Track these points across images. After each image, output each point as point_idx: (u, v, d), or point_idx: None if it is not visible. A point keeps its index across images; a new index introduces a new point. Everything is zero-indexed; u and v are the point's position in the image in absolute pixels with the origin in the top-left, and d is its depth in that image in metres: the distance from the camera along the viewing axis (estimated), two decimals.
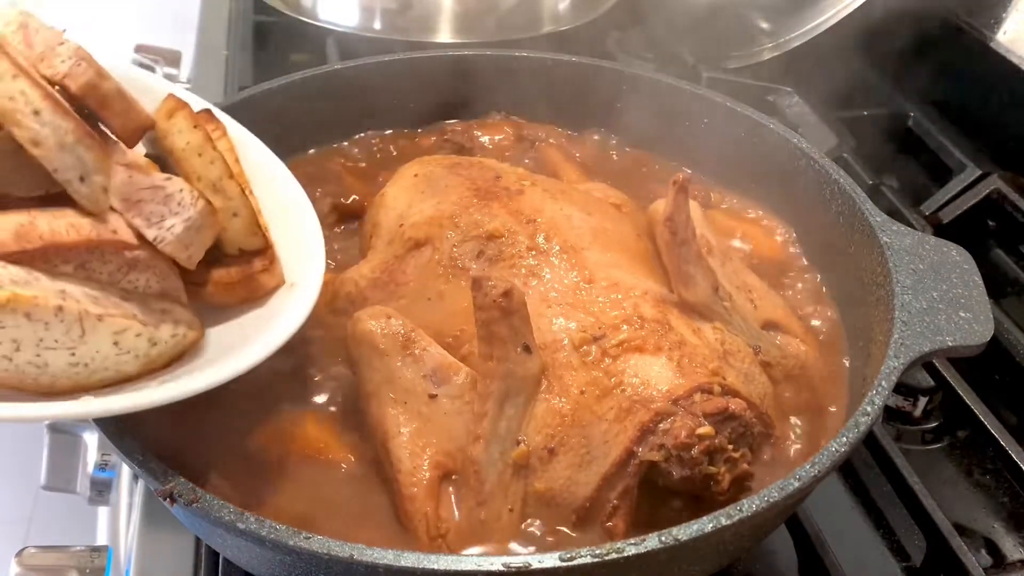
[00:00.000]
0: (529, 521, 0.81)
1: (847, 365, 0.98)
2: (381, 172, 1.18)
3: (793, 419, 0.92)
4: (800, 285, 1.08)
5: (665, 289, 0.92)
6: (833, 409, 0.93)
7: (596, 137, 1.29)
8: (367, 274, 0.99)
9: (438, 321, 0.90)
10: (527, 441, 0.81)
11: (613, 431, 0.80)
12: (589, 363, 0.84)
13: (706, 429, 0.78)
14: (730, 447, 0.79)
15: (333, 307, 0.98)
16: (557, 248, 0.94)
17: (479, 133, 1.26)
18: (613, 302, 0.88)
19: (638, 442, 0.79)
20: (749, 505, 0.71)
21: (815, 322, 1.03)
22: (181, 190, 0.82)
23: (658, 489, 0.81)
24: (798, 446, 0.90)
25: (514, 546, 0.79)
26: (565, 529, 0.80)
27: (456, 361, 0.85)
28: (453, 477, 0.81)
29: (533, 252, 0.93)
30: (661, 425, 0.79)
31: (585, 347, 0.84)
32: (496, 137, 1.26)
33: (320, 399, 0.92)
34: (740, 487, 0.80)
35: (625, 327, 0.86)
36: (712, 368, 0.84)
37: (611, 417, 0.81)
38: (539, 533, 0.80)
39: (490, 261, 0.93)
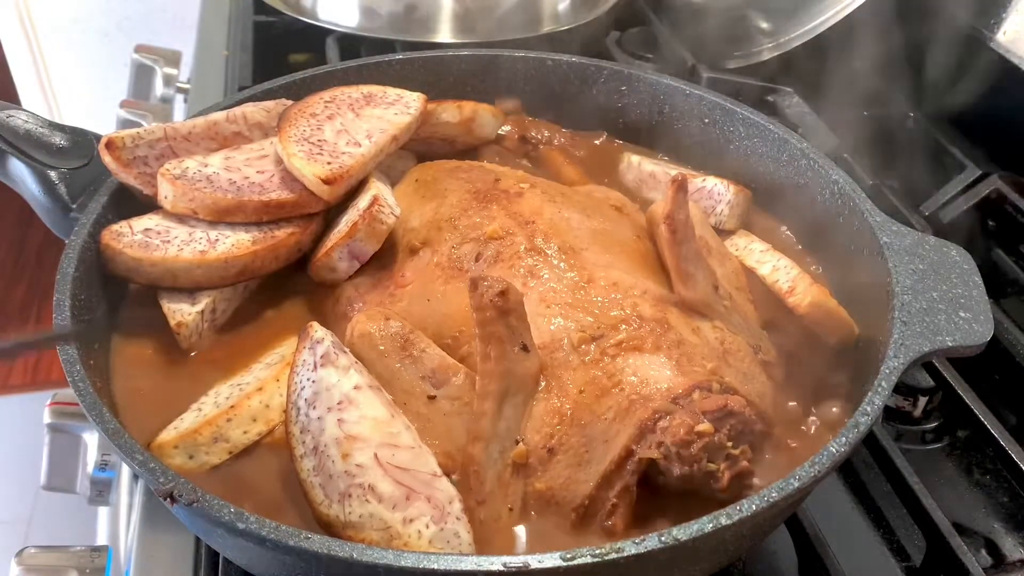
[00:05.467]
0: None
1: (847, 365, 0.98)
2: None
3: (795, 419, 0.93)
4: None
5: (665, 289, 0.92)
6: (834, 409, 0.93)
7: (598, 138, 1.29)
8: (367, 278, 0.99)
9: (437, 322, 0.90)
10: (526, 441, 0.81)
11: (612, 430, 0.80)
12: (588, 363, 0.84)
13: (705, 426, 0.78)
14: (729, 444, 0.79)
15: (334, 312, 0.98)
16: (556, 249, 0.94)
17: None
18: (612, 302, 0.88)
19: (637, 440, 0.79)
20: (749, 505, 0.71)
21: None
22: None
23: (658, 489, 0.81)
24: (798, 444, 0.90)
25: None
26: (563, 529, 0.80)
27: (455, 362, 0.85)
28: (453, 477, 0.81)
29: (532, 253, 0.93)
30: (660, 423, 0.79)
31: (584, 346, 0.85)
32: (503, 129, 1.25)
33: None
34: (741, 485, 0.80)
35: (624, 326, 0.86)
36: (711, 367, 0.84)
37: (610, 416, 0.81)
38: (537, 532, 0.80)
39: (489, 262, 0.93)
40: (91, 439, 1.17)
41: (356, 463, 0.77)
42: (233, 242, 0.96)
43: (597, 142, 1.30)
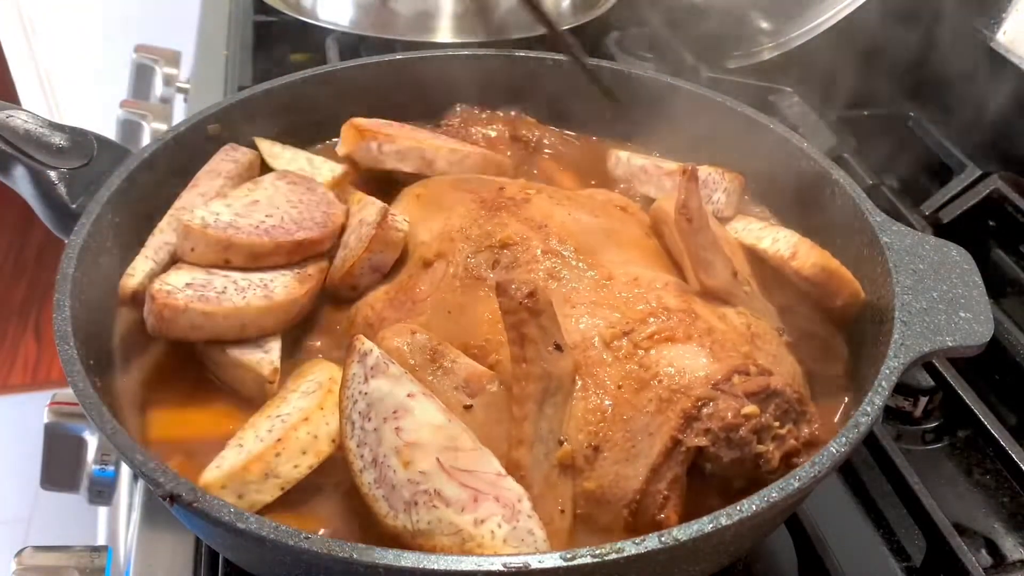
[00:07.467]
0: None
1: (847, 366, 0.98)
2: None
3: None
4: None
5: (682, 282, 0.92)
6: (833, 406, 0.93)
7: (590, 136, 1.29)
8: (382, 296, 0.97)
9: (461, 333, 0.89)
10: (569, 440, 0.80)
11: (656, 422, 0.80)
12: (622, 358, 0.84)
13: (751, 408, 0.78)
14: (776, 424, 0.79)
15: (350, 335, 0.95)
16: (572, 250, 0.94)
17: (475, 130, 1.26)
18: (636, 296, 0.88)
19: (683, 430, 0.78)
20: (749, 505, 0.70)
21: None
22: None
23: (702, 479, 0.80)
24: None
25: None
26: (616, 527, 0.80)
27: (486, 370, 0.85)
28: None
29: (549, 256, 0.93)
30: (704, 410, 0.79)
31: (616, 342, 0.84)
32: (491, 133, 1.25)
33: None
34: (789, 464, 0.80)
35: (652, 319, 0.86)
36: (744, 351, 0.85)
37: (652, 409, 0.80)
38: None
39: (507, 269, 0.93)
40: (91, 439, 1.17)
41: (419, 470, 0.75)
42: (283, 284, 0.94)
43: (588, 140, 1.29)
